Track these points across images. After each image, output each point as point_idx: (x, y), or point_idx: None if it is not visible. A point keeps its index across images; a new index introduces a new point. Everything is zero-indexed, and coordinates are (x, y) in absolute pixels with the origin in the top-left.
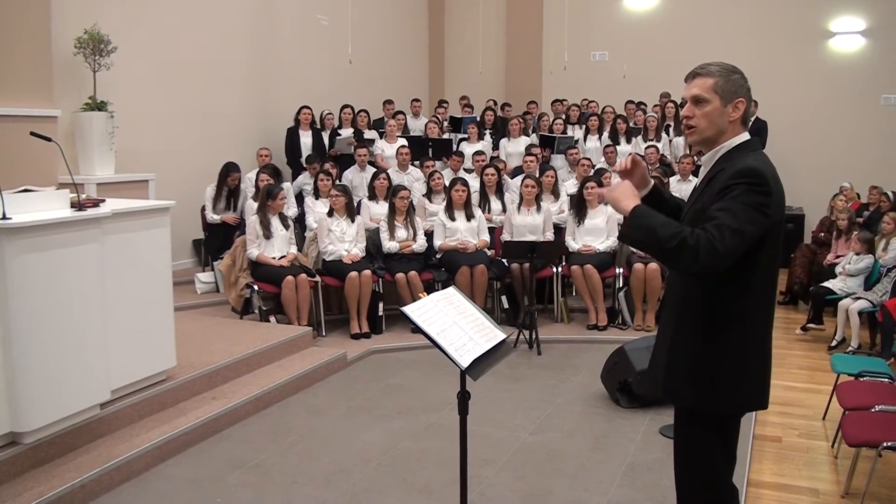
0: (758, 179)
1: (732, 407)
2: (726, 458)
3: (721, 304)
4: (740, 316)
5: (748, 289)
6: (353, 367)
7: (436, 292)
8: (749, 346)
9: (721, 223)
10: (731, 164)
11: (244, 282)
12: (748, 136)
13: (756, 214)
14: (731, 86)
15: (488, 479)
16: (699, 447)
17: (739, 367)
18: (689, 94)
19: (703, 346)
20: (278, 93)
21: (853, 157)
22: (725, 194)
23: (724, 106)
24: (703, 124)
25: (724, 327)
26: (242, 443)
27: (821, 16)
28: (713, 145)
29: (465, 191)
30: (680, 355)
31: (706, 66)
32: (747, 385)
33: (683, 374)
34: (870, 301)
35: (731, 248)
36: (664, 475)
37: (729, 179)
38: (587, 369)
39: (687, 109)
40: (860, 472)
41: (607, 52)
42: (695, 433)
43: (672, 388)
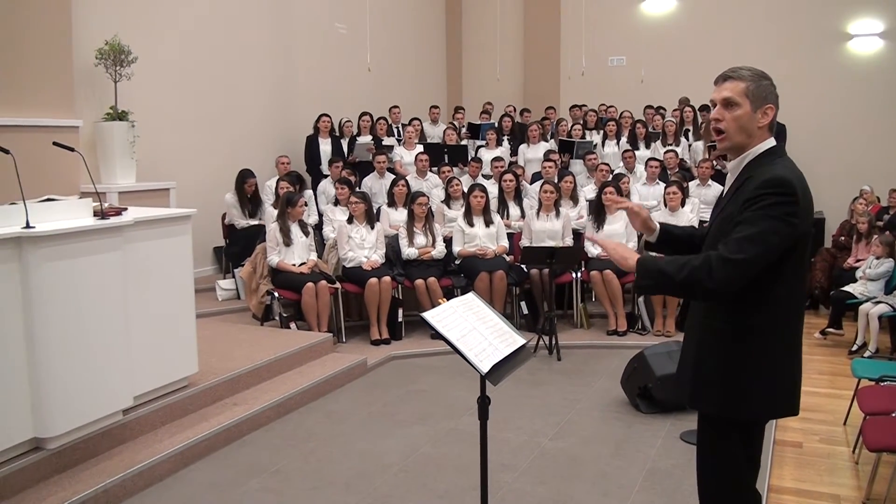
0: (785, 189)
1: (758, 414)
2: (750, 465)
3: (748, 312)
4: (768, 324)
5: (776, 297)
6: (373, 373)
7: (455, 298)
8: (777, 353)
9: (737, 237)
10: (758, 172)
11: (265, 289)
12: (774, 143)
13: (781, 225)
14: (761, 91)
15: (508, 484)
16: (724, 454)
17: (767, 375)
18: (720, 96)
19: (731, 353)
20: (297, 101)
21: (873, 159)
22: (752, 204)
23: (754, 111)
24: (732, 128)
25: (751, 335)
26: (264, 448)
27: (838, 18)
28: (741, 151)
29: (483, 196)
30: (707, 362)
31: (737, 69)
32: (774, 392)
33: (710, 381)
34: (890, 305)
35: (749, 256)
36: (685, 481)
37: (756, 189)
38: (607, 375)
39: (717, 112)
40: (881, 478)
41: (625, 57)
42: (720, 439)
43: (699, 394)
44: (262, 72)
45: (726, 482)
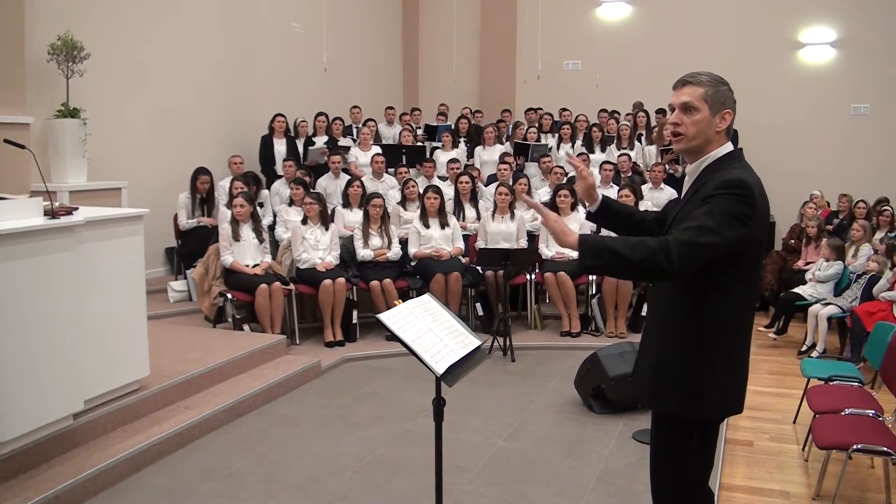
0: (743, 191)
1: (716, 413)
2: (704, 464)
3: (707, 313)
4: (726, 325)
5: (733, 298)
6: (327, 376)
7: (411, 299)
8: (734, 353)
9: (696, 224)
10: (716, 175)
11: (217, 290)
12: (732, 147)
13: (736, 223)
14: (719, 96)
15: (463, 486)
16: (680, 453)
17: (725, 375)
18: (679, 101)
19: (690, 353)
20: (252, 100)
21: (823, 165)
22: (708, 201)
23: (713, 116)
24: (692, 132)
25: (711, 335)
26: (216, 452)
27: (791, 27)
28: (699, 155)
29: (437, 198)
30: (667, 363)
31: (696, 74)
32: (731, 392)
33: (669, 381)
34: (839, 307)
35: (706, 241)
36: (637, 480)
37: (714, 189)
38: (561, 376)
39: (675, 116)
40: (830, 475)
41: (580, 62)
42: (675, 439)
43: (657, 394)
44: (217, 70)
45: (681, 481)
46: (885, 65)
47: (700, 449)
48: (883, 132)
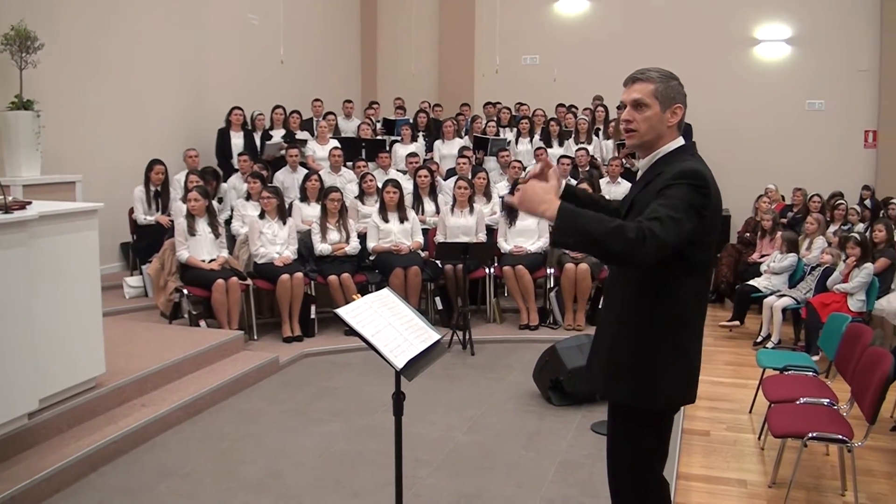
0: (699, 181)
1: (670, 403)
2: (660, 454)
3: (661, 304)
4: (679, 315)
5: (686, 289)
6: (285, 371)
7: (370, 294)
8: (687, 344)
9: (660, 214)
10: (670, 167)
11: (173, 286)
12: (683, 141)
13: (693, 213)
14: (669, 92)
15: (423, 479)
16: (635, 443)
17: (678, 365)
18: (630, 98)
19: (645, 344)
20: (209, 93)
21: (778, 160)
22: (664, 191)
23: (664, 111)
24: (643, 128)
25: (665, 326)
26: (174, 450)
27: (747, 24)
28: (650, 150)
29: (396, 192)
30: (621, 354)
31: (645, 71)
32: (684, 381)
33: (624, 372)
34: (794, 298)
35: (672, 234)
36: (596, 470)
37: (669, 179)
38: (519, 368)
39: (627, 113)
40: (786, 463)
41: (538, 56)
42: (631, 429)
43: (612, 385)
44: (173, 63)
45: (637, 471)
46: (839, 61)
47: (655, 439)
48: (837, 127)
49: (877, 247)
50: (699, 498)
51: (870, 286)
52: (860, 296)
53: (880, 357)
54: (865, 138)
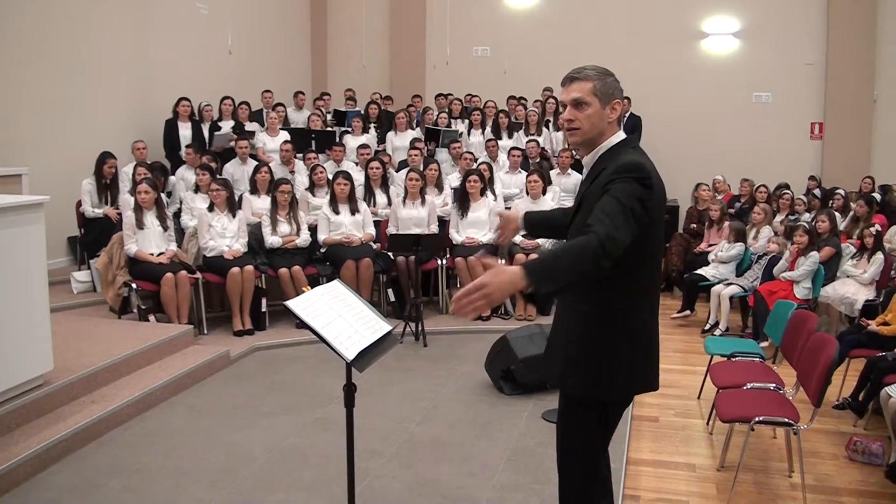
0: (640, 173)
1: (622, 394)
2: (604, 444)
3: (612, 295)
4: (630, 306)
5: (637, 280)
6: (236, 365)
7: (320, 286)
8: (640, 334)
9: (608, 211)
10: (612, 162)
11: (122, 280)
12: (625, 135)
13: (638, 205)
14: (607, 88)
15: (376, 470)
16: (584, 432)
17: (630, 355)
18: (569, 97)
19: (597, 335)
20: (157, 83)
21: (726, 151)
22: (608, 187)
23: (604, 108)
24: (586, 126)
25: (616, 317)
26: (124, 447)
27: (695, 17)
28: (593, 146)
29: (347, 184)
30: (575, 347)
31: (582, 69)
32: (636, 372)
33: (579, 364)
34: (741, 286)
35: (625, 232)
36: (547, 458)
37: (612, 174)
38: (472, 359)
39: (568, 113)
40: (734, 447)
41: (489, 48)
42: (581, 418)
43: (567, 378)
44: (121, 52)
45: (584, 459)
46: (785, 54)
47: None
48: (784, 119)
49: (821, 236)
50: (648, 482)
51: (815, 274)
52: (806, 283)
53: (825, 342)
54: (812, 130)
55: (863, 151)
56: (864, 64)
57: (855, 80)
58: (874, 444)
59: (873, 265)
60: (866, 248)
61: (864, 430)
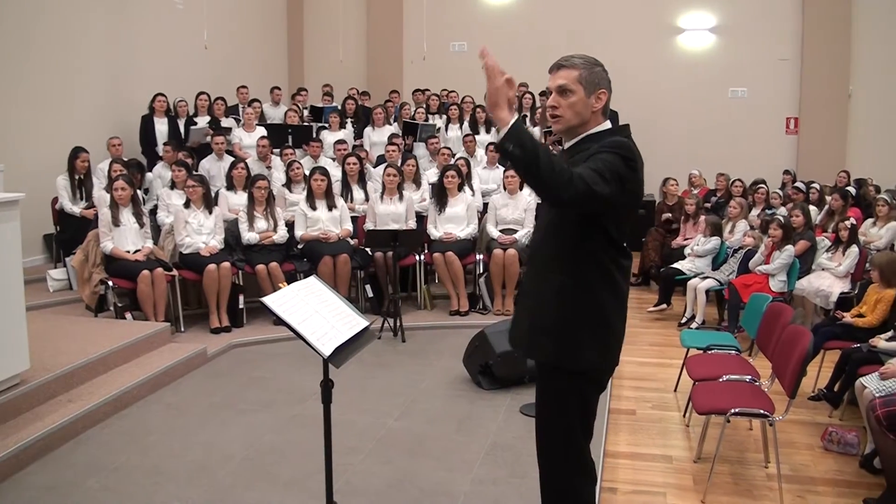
0: (627, 153)
1: (591, 365)
2: (585, 431)
3: (585, 268)
4: (600, 281)
5: (612, 256)
6: (213, 363)
7: (297, 282)
8: (608, 307)
9: (590, 167)
10: (599, 143)
11: (98, 278)
12: (609, 125)
13: (618, 181)
14: (594, 77)
15: (354, 466)
16: (560, 403)
17: (600, 327)
18: (555, 84)
19: (568, 305)
20: (132, 79)
21: (702, 146)
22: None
23: (588, 97)
24: (568, 114)
25: (586, 291)
26: (102, 445)
27: (671, 13)
28: (576, 134)
29: (324, 180)
30: (543, 316)
31: (570, 58)
32: (606, 344)
33: (546, 332)
34: (717, 280)
35: (600, 186)
36: (524, 452)
37: (600, 148)
38: (450, 354)
39: (553, 99)
40: (710, 438)
41: (466, 43)
42: (556, 389)
43: (535, 344)
44: (96, 47)
45: (564, 444)
46: (761, 50)
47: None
48: (759, 115)
49: (796, 230)
50: (626, 475)
51: (791, 267)
52: (781, 276)
53: (799, 335)
54: (787, 125)
55: (838, 146)
56: (838, 59)
57: (830, 75)
58: (849, 434)
59: (848, 258)
60: (841, 242)
61: (840, 421)
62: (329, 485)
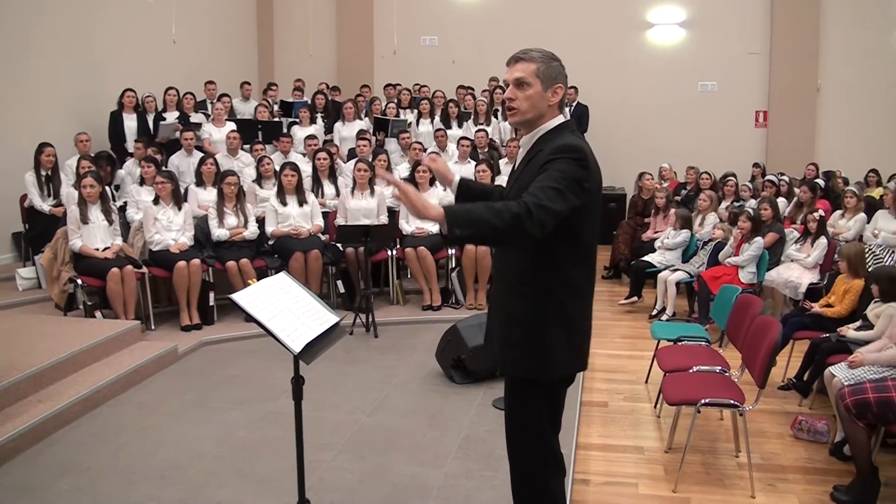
0: (577, 154)
1: (562, 372)
2: (553, 424)
3: (548, 276)
4: (566, 287)
5: (574, 261)
6: (184, 360)
7: (266, 278)
8: (575, 314)
9: (543, 185)
10: (550, 143)
11: (67, 276)
12: (564, 119)
13: (576, 186)
14: (551, 72)
15: (326, 462)
16: (531, 413)
17: (568, 335)
18: (512, 77)
19: (534, 318)
20: (101, 74)
21: (673, 140)
22: (545, 167)
23: (545, 90)
24: (524, 106)
25: (553, 299)
26: (73, 446)
27: (640, 7)
28: (532, 127)
29: (294, 175)
30: (513, 328)
31: (528, 51)
32: (574, 351)
33: (518, 346)
34: (687, 272)
35: (558, 203)
36: (497, 446)
37: (550, 154)
38: (423, 349)
39: (510, 92)
40: (681, 429)
41: (437, 38)
42: (527, 400)
43: (508, 359)
44: (64, 43)
45: (533, 441)
46: (730, 44)
47: (549, 408)
48: (729, 108)
49: (765, 223)
50: (598, 466)
51: (760, 259)
52: (751, 268)
53: (769, 325)
54: (756, 118)
55: (806, 139)
56: (807, 53)
57: (799, 69)
58: (819, 423)
59: (817, 249)
60: (810, 233)
61: (809, 410)
62: (301, 482)
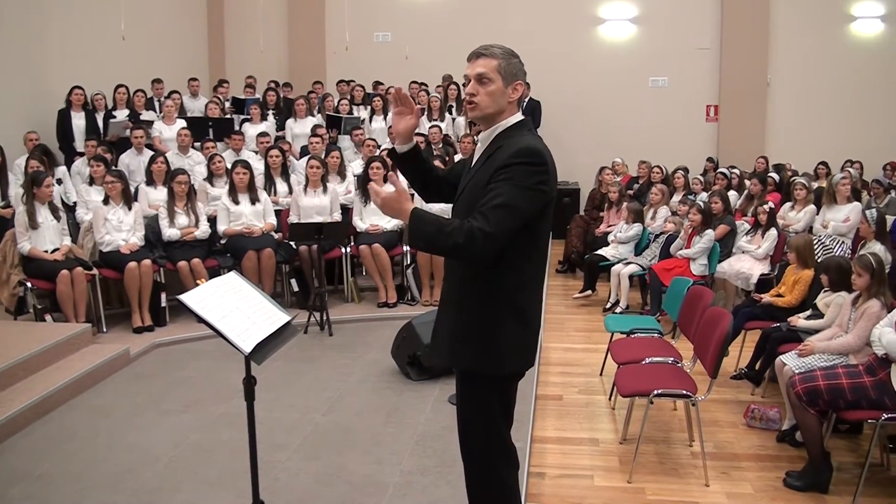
0: (536, 159)
1: (511, 368)
2: (505, 418)
3: (501, 273)
4: (519, 284)
5: (528, 257)
6: (137, 363)
7: (216, 278)
8: (527, 310)
9: (492, 206)
10: (509, 142)
11: (16, 279)
12: (522, 117)
13: (532, 193)
14: (511, 68)
15: (282, 462)
16: (481, 408)
17: (518, 331)
18: (474, 72)
19: (486, 313)
20: (49, 72)
21: (625, 135)
22: (503, 172)
23: (506, 87)
24: (485, 102)
25: (505, 295)
26: (24, 453)
27: (592, 3)
28: (491, 123)
29: (246, 173)
30: (464, 322)
31: (489, 47)
32: (524, 347)
33: (469, 339)
34: (640, 265)
35: (504, 227)
36: (453, 441)
37: (509, 158)
38: (378, 346)
39: (471, 87)
40: (635, 420)
41: (390, 34)
42: (477, 394)
43: (457, 352)
44: (9, 39)
45: (485, 435)
46: (681, 39)
47: (500, 403)
48: (680, 103)
49: (716, 216)
50: (554, 459)
51: (711, 251)
52: (702, 260)
53: (720, 316)
54: (707, 113)
55: (757, 133)
56: (757, 48)
57: (749, 64)
58: (771, 411)
59: (767, 241)
60: (760, 225)
61: (762, 398)
62: (255, 483)
